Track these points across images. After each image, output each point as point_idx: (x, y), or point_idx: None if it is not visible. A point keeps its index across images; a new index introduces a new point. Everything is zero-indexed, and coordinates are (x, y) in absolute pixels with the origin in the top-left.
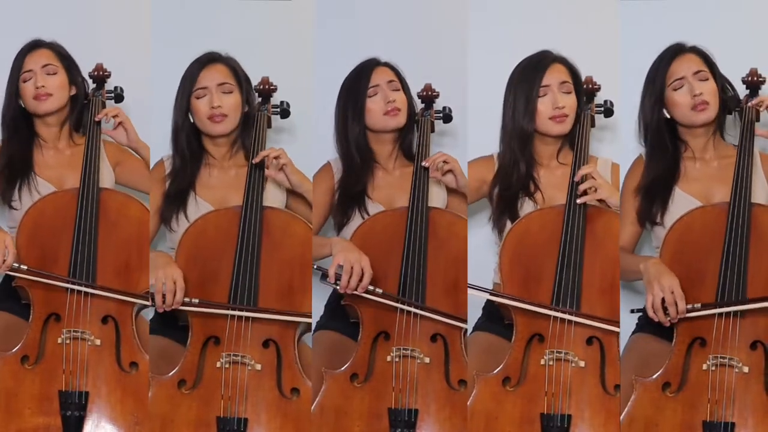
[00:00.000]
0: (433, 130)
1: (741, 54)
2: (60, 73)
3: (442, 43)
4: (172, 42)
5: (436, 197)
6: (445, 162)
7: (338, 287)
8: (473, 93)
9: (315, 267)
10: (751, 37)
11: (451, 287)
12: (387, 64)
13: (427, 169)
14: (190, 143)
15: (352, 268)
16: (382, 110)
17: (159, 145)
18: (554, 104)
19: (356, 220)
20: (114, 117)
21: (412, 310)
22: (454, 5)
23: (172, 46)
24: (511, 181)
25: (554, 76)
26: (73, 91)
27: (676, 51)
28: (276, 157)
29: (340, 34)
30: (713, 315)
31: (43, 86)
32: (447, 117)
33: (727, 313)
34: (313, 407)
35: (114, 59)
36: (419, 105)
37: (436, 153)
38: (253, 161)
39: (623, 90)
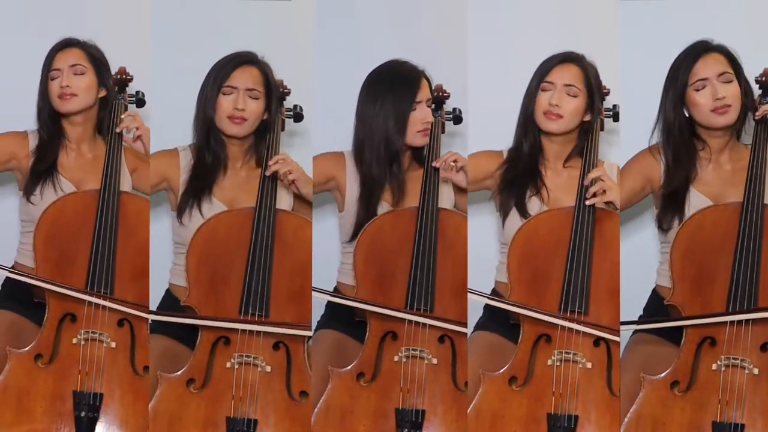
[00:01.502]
0: (443, 131)
1: (742, 54)
2: (88, 74)
3: (443, 44)
4: (172, 42)
5: (445, 197)
6: (455, 161)
7: None
8: (473, 94)
9: None
10: (753, 37)
11: (460, 288)
12: (427, 78)
13: (437, 169)
14: (220, 140)
15: None
16: (418, 128)
17: (159, 145)
18: (549, 100)
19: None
20: (135, 129)
21: (415, 318)
22: (454, 6)
23: (172, 46)
24: (517, 161)
25: (561, 75)
26: (102, 93)
27: (701, 50)
28: (288, 171)
29: (340, 34)
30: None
31: (68, 86)
32: (457, 119)
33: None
34: (318, 406)
35: (113, 59)
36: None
37: (446, 153)
38: (266, 173)
39: (624, 90)
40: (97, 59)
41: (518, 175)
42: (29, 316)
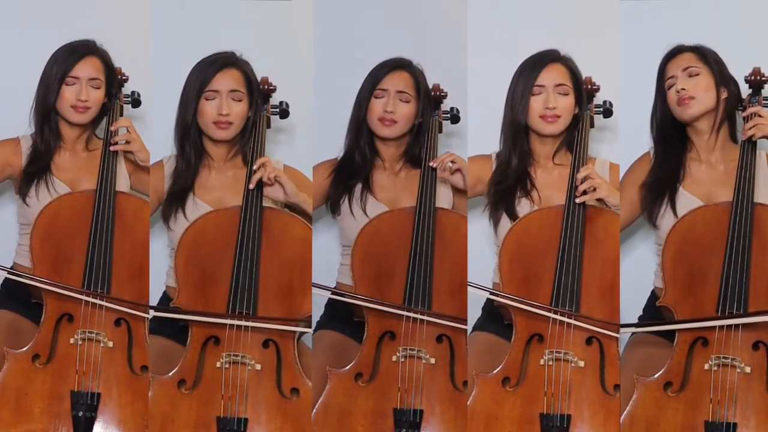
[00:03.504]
0: (441, 131)
1: (742, 53)
2: (102, 88)
3: (443, 44)
4: (172, 42)
5: (443, 198)
6: (453, 162)
7: None
8: (473, 93)
9: None
10: (752, 36)
11: (457, 288)
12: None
13: (434, 169)
14: (196, 144)
15: None
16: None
17: (159, 146)
18: (546, 104)
19: (346, 216)
20: (126, 142)
21: (412, 315)
22: (454, 5)
23: (172, 46)
24: (506, 173)
25: (550, 76)
26: (105, 100)
27: (674, 51)
28: (270, 172)
29: (340, 34)
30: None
31: (86, 100)
32: (455, 118)
33: (729, 313)
34: (316, 406)
35: (113, 59)
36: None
37: (443, 153)
38: (250, 187)
39: (623, 90)
40: (111, 69)
41: (507, 183)
42: (28, 316)
